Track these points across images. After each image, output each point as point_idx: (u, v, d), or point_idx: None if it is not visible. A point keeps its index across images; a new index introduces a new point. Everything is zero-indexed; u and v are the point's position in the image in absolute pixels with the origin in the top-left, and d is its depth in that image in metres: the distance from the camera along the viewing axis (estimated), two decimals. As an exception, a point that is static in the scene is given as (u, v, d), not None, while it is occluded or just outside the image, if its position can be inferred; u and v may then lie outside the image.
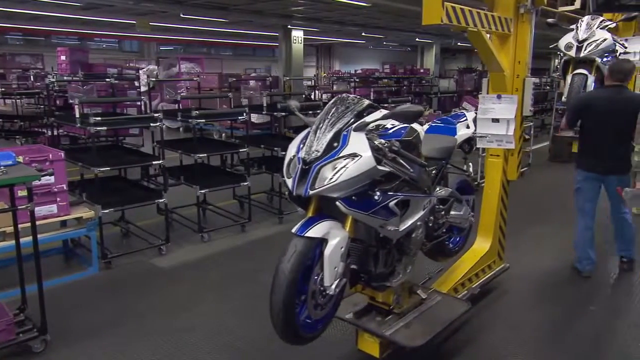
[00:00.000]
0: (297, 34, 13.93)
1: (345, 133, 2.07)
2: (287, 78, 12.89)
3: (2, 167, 2.80)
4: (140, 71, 8.96)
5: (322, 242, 2.01)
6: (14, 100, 9.61)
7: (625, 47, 5.01)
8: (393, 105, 8.67)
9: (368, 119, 2.15)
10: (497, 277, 3.72)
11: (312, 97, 12.82)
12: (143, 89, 8.78)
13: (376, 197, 2.08)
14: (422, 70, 18.57)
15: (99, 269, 4.10)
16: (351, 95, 2.28)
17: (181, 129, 11.06)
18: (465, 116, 3.25)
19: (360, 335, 2.76)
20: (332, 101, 2.26)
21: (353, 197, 2.02)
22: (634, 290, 3.88)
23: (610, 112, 3.70)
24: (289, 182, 2.06)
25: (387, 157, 2.09)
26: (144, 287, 3.86)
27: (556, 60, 17.50)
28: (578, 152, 4.07)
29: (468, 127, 3.19)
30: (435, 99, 16.19)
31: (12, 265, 3.34)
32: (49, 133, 7.39)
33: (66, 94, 7.82)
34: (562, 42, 4.91)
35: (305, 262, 1.98)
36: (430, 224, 2.80)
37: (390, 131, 2.32)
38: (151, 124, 4.67)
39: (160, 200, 4.61)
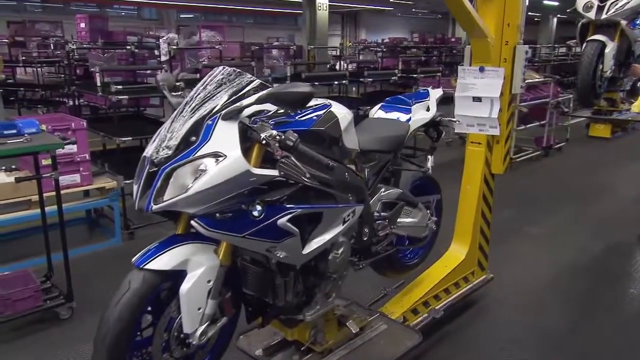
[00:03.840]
0: (322, 1, 13.67)
1: (210, 123, 1.57)
2: (312, 47, 12.74)
3: (26, 135, 2.86)
4: (161, 39, 8.93)
5: (178, 274, 1.57)
6: (34, 69, 9.76)
7: None
8: (423, 76, 8.55)
9: (245, 102, 1.61)
10: (477, 290, 3.12)
11: (337, 67, 12.67)
12: (163, 58, 8.78)
13: (256, 213, 1.59)
14: (453, 39, 18.12)
15: (121, 239, 4.20)
16: (230, 68, 1.74)
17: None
18: (428, 95, 2.69)
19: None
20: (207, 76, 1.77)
21: (217, 215, 1.54)
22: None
23: None
24: (134, 189, 1.60)
25: (278, 156, 1.56)
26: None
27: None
28: None
29: (428, 109, 2.62)
30: (467, 70, 15.74)
31: (36, 234, 3.45)
32: (70, 102, 7.51)
33: (86, 62, 7.90)
34: (580, 1, 4.13)
35: (145, 305, 1.55)
36: (365, 238, 2.20)
37: (300, 117, 1.82)
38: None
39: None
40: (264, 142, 1.53)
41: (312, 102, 1.91)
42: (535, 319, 3.05)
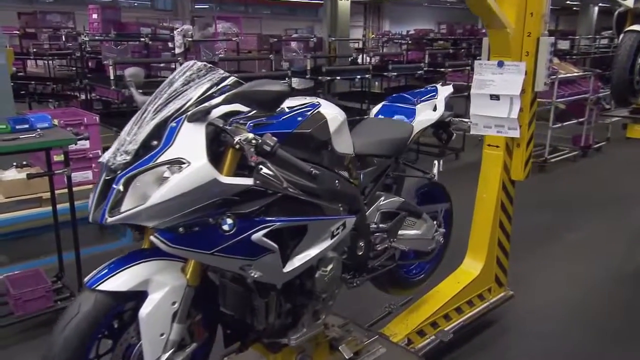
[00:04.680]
0: (344, -10, 13.65)
1: (174, 125, 1.47)
2: (332, 39, 12.73)
3: (38, 130, 2.93)
4: (175, 31, 9.05)
5: (138, 295, 1.47)
6: (45, 62, 9.99)
7: None
8: (450, 70, 8.46)
9: (214, 101, 1.52)
10: (494, 309, 2.97)
11: (360, 60, 12.63)
12: (178, 50, 8.89)
13: (226, 227, 1.48)
14: (483, 31, 17.89)
15: (132, 239, 4.27)
16: (200, 63, 1.64)
17: (216, 94, 11.18)
18: (435, 93, 2.57)
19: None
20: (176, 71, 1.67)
21: (180, 229, 1.44)
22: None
23: None
24: (90, 198, 1.51)
25: (252, 162, 1.45)
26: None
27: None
28: None
29: (435, 108, 2.51)
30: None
31: (47, 232, 3.53)
32: (82, 96, 7.65)
33: (99, 55, 8.05)
34: None
35: (97, 331, 1.45)
36: (360, 252, 2.09)
37: (283, 118, 1.72)
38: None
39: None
40: (237, 146, 1.43)
41: (299, 102, 1.86)
42: (561, 345, 2.87)
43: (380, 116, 2.50)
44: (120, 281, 1.43)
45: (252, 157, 1.43)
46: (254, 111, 1.64)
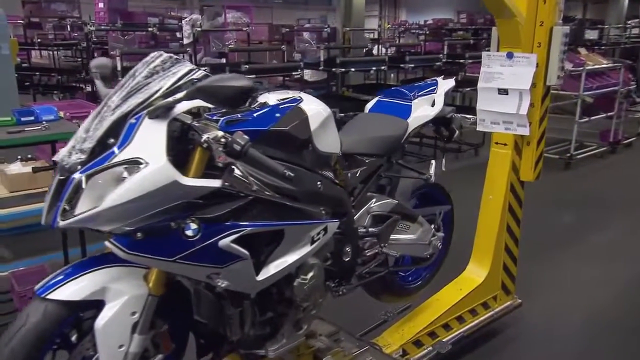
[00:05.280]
0: (359, -22, 13.60)
1: (134, 122, 1.41)
2: (347, 29, 12.70)
3: (44, 122, 2.97)
4: (183, 21, 9.11)
5: (94, 304, 1.43)
6: (50, 53, 10.08)
7: None
8: (471, 61, 8.39)
9: (178, 96, 1.44)
10: (499, 318, 2.89)
11: (375, 51, 12.60)
12: (186, 40, 8.95)
13: (190, 233, 1.43)
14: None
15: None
16: (166, 54, 1.58)
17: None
18: (435, 87, 2.49)
19: None
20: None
21: (138, 234, 1.38)
22: None
23: None
24: (45, 200, 1.44)
25: (219, 162, 1.42)
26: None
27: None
28: None
29: (434, 104, 2.43)
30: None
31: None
32: (88, 88, 7.73)
33: (105, 45, 8.12)
34: None
35: (46, 344, 1.41)
36: (347, 258, 2.04)
37: (258, 115, 1.68)
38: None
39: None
40: (205, 145, 1.39)
41: (281, 96, 1.81)
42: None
43: (375, 112, 2.43)
44: (73, 290, 1.39)
45: (219, 157, 1.39)
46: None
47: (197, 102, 1.48)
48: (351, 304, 2.44)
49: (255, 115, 1.68)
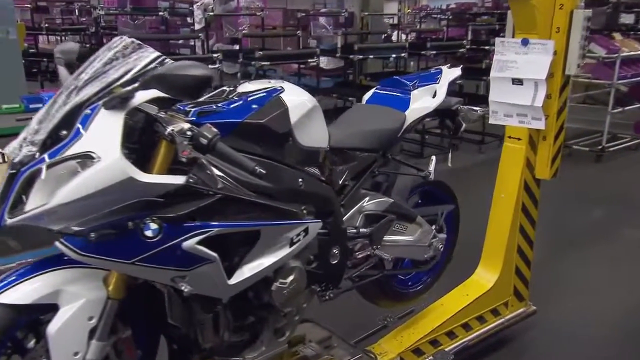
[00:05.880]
0: (378, -41, 13.50)
1: (89, 112, 1.34)
2: (365, 14, 12.63)
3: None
4: (195, 5, 9.14)
5: (48, 308, 1.39)
6: (58, 38, 10.20)
7: None
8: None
9: (135, 85, 1.38)
10: (511, 326, 2.77)
11: (395, 37, 12.52)
12: (197, 26, 8.99)
13: (149, 233, 1.37)
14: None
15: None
16: (128, 40, 1.51)
17: (239, 74, 11.28)
18: (438, 76, 2.38)
19: None
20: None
21: (92, 234, 1.34)
22: None
23: None
24: None
25: (183, 157, 1.35)
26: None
27: None
28: None
29: (435, 95, 2.33)
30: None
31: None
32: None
33: (114, 30, 8.18)
34: None
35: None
36: (335, 261, 1.96)
37: (234, 106, 1.62)
38: (209, 66, 4.78)
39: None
40: (169, 138, 1.32)
41: (260, 85, 1.75)
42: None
43: (372, 104, 2.35)
44: (23, 292, 1.36)
45: (183, 152, 1.33)
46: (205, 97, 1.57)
47: (153, 92, 1.39)
48: (352, 307, 2.41)
49: (231, 106, 1.61)
